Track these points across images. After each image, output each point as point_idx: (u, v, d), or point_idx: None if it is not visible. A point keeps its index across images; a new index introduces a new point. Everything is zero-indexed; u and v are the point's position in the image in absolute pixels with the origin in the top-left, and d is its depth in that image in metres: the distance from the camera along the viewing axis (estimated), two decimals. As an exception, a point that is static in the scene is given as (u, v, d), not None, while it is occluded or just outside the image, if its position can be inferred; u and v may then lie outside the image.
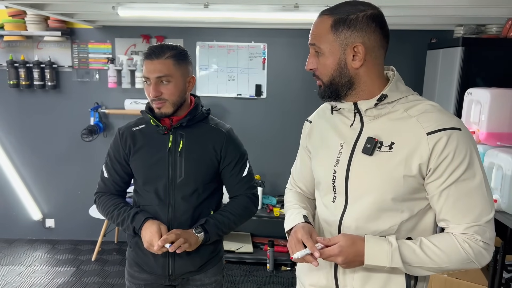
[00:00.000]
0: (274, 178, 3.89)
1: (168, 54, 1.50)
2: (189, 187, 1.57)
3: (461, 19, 3.02)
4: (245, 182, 1.66)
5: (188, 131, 1.59)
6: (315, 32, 1.16)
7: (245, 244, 3.75)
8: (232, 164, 1.62)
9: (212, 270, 1.69)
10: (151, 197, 1.60)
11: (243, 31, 3.69)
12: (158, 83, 1.50)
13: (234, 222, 1.63)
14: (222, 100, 3.78)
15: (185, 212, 1.58)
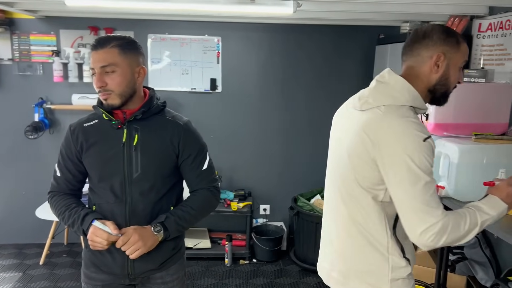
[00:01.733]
0: (231, 172, 3.89)
1: (114, 44, 1.45)
2: (147, 182, 1.53)
3: (406, 15, 3.16)
4: (206, 176, 1.62)
5: (143, 125, 1.53)
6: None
7: (203, 240, 3.72)
8: (191, 158, 1.58)
9: (174, 267, 1.66)
10: (107, 194, 1.54)
11: (197, 24, 3.63)
12: (103, 73, 1.44)
13: (195, 217, 1.60)
14: (176, 94, 3.71)
15: (144, 208, 1.54)
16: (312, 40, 3.72)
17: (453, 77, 1.37)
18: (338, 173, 1.43)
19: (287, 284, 3.30)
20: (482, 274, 2.60)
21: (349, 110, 1.44)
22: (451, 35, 1.34)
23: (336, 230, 1.45)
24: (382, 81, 1.38)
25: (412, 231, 1.21)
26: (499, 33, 2.71)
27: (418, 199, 1.20)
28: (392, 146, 1.23)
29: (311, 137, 3.88)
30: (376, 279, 1.36)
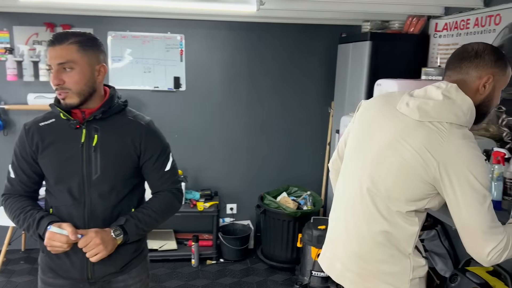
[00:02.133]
0: (197, 172, 3.84)
1: (72, 40, 1.39)
2: (107, 184, 1.48)
3: (367, 15, 3.23)
4: (168, 177, 1.58)
5: (103, 125, 1.48)
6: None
7: (169, 241, 3.65)
8: (153, 158, 1.54)
9: (136, 270, 1.61)
10: (65, 196, 1.47)
11: (159, 21, 3.55)
12: (60, 70, 1.39)
13: (156, 220, 1.56)
14: (138, 93, 3.62)
15: (103, 211, 1.49)
16: (276, 38, 3.74)
17: (496, 98, 1.39)
18: (369, 174, 1.39)
19: (254, 283, 3.30)
20: (442, 265, 2.70)
21: (394, 110, 1.39)
22: (501, 58, 1.35)
23: (357, 233, 1.43)
24: (450, 97, 1.32)
25: (480, 252, 1.25)
26: (454, 33, 2.82)
27: (487, 219, 1.23)
28: (460, 167, 1.24)
29: (278, 134, 3.90)
30: (397, 279, 1.39)
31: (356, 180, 1.45)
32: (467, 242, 1.28)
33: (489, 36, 2.50)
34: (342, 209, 1.52)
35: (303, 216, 3.38)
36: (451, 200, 1.27)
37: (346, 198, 1.50)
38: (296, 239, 3.33)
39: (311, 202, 3.65)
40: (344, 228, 1.49)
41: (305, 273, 3.11)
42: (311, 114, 3.91)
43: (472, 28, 2.65)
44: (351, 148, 1.53)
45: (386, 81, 2.37)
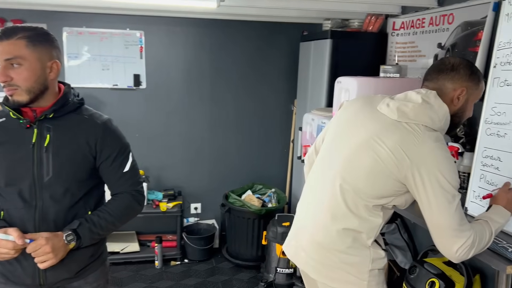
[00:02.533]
0: (159, 172, 3.77)
1: (21, 35, 1.33)
2: (59, 186, 1.41)
3: (327, 13, 3.27)
4: (128, 178, 1.52)
5: (56, 124, 1.42)
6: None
7: (131, 243, 3.56)
8: (110, 159, 1.48)
9: (93, 276, 1.55)
10: (15, 199, 1.40)
11: (117, 17, 3.45)
12: (8, 66, 1.32)
13: (114, 223, 1.50)
14: (96, 91, 3.50)
15: (56, 214, 1.42)
16: (239, 35, 3.72)
17: (468, 111, 1.49)
18: (343, 169, 1.45)
19: (219, 282, 3.27)
20: (402, 258, 2.78)
21: (374, 110, 1.45)
22: (475, 73, 1.45)
23: (323, 224, 1.48)
24: (428, 101, 1.40)
25: (448, 249, 1.32)
26: (411, 32, 2.90)
27: (455, 217, 1.31)
28: (432, 168, 1.30)
29: (242, 132, 3.89)
30: (357, 270, 1.45)
31: (329, 174, 1.50)
32: (437, 240, 1.35)
33: (443, 35, 2.58)
34: (311, 201, 1.58)
35: (267, 213, 3.39)
36: (422, 199, 1.34)
37: (317, 190, 1.55)
38: (261, 237, 3.33)
39: (276, 199, 3.66)
40: (311, 219, 1.55)
41: (270, 270, 3.12)
42: (274, 111, 3.93)
43: (427, 27, 2.74)
44: (327, 144, 1.59)
45: (346, 79, 2.41)
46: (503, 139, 1.73)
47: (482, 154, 1.82)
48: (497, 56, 1.79)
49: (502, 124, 1.74)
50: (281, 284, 3.04)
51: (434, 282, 2.09)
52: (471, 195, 1.87)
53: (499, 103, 1.76)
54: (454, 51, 2.49)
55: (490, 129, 1.80)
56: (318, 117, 2.76)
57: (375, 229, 1.44)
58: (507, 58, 1.73)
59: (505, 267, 1.41)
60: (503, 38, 1.76)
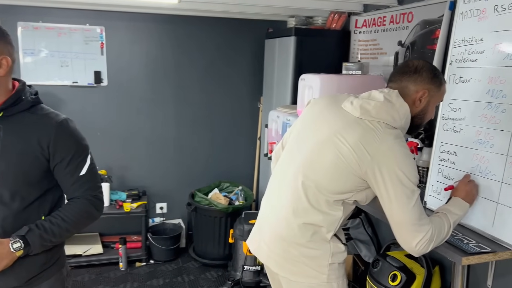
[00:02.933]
0: (123, 171, 3.67)
1: None
2: (7, 189, 1.33)
3: (292, 10, 3.28)
4: (84, 182, 1.43)
5: (6, 123, 1.33)
6: None
7: (94, 245, 3.46)
8: (65, 161, 1.39)
9: (47, 283, 1.45)
10: None
11: (76, 12, 3.33)
12: None
13: (68, 230, 1.42)
14: (55, 88, 3.37)
15: (4, 219, 1.34)
16: (204, 32, 3.67)
17: (429, 113, 1.52)
18: (305, 165, 1.47)
19: (186, 282, 3.23)
20: (366, 252, 2.83)
21: (339, 108, 1.48)
22: (437, 76, 1.48)
23: (285, 218, 1.49)
24: (390, 100, 1.43)
25: (408, 244, 1.35)
26: (373, 29, 2.95)
27: (414, 212, 1.33)
28: (392, 164, 1.33)
29: (208, 130, 3.85)
30: (317, 264, 1.47)
31: (292, 170, 1.52)
32: (397, 234, 1.39)
33: (403, 33, 2.64)
34: (275, 196, 1.60)
35: (234, 211, 3.37)
36: (382, 194, 1.37)
37: (281, 186, 1.57)
38: (228, 235, 3.31)
39: (243, 197, 3.65)
40: (274, 214, 1.56)
41: (237, 269, 3.10)
42: (241, 109, 3.91)
43: (388, 25, 2.79)
44: (292, 141, 1.62)
45: (309, 76, 2.42)
46: (459, 134, 1.78)
47: (440, 149, 1.87)
48: (452, 53, 1.85)
49: (458, 120, 1.79)
50: (248, 282, 3.03)
51: (396, 275, 2.13)
52: (429, 189, 1.92)
53: (454, 99, 1.81)
54: (413, 49, 2.55)
55: (446, 124, 1.85)
56: (283, 114, 2.76)
57: (335, 223, 1.46)
58: (462, 55, 1.79)
59: (460, 258, 1.45)
60: (458, 36, 1.82)
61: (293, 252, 1.49)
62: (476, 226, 1.66)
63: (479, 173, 1.66)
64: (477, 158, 1.68)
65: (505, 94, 1.58)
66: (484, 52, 1.68)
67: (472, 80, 1.73)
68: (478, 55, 1.70)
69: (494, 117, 1.61)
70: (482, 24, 1.69)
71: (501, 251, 1.51)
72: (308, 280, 1.49)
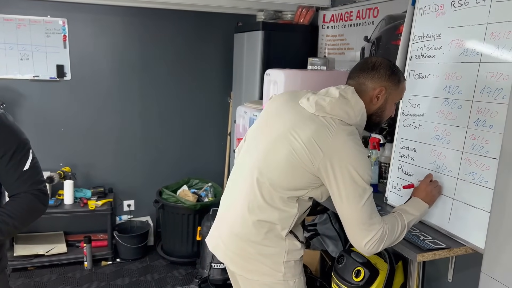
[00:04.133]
0: (87, 168, 3.57)
1: None
2: None
3: (261, 4, 3.23)
4: (28, 177, 1.39)
5: None
6: None
7: (58, 245, 3.35)
8: (6, 157, 1.34)
9: None
10: None
11: (36, 3, 3.20)
12: None
13: (15, 227, 1.37)
14: (15, 82, 3.23)
15: None
16: (173, 25, 3.58)
17: (388, 110, 1.49)
18: (260, 162, 1.44)
19: (153, 281, 3.17)
20: (333, 247, 2.82)
21: (296, 104, 1.45)
22: (395, 73, 1.44)
23: (241, 215, 1.47)
24: (345, 96, 1.40)
25: (358, 242, 1.34)
26: (340, 24, 2.94)
27: (365, 211, 1.31)
28: (344, 161, 1.31)
29: (177, 125, 3.77)
30: (272, 261, 1.45)
31: (248, 167, 1.50)
32: (348, 232, 1.37)
33: (369, 28, 2.64)
34: (232, 193, 1.58)
35: (203, 208, 3.32)
36: (333, 191, 1.35)
37: (237, 183, 1.55)
38: (196, 233, 3.26)
39: (213, 193, 3.60)
40: (231, 210, 1.54)
41: (205, 266, 3.06)
42: (211, 104, 3.85)
43: (355, 20, 2.78)
44: (251, 136, 1.60)
45: (274, 71, 2.39)
46: (418, 130, 1.78)
47: (400, 145, 1.87)
48: (412, 49, 1.84)
49: (417, 116, 1.79)
50: (216, 280, 2.99)
51: (360, 271, 2.13)
52: (390, 185, 1.92)
53: (414, 95, 1.81)
54: (379, 44, 2.54)
55: (406, 120, 1.85)
56: (251, 110, 2.73)
57: (290, 220, 1.43)
58: (421, 51, 1.78)
59: (415, 255, 1.45)
60: (417, 32, 1.81)
61: (248, 250, 1.46)
62: (433, 222, 1.67)
63: (437, 169, 1.67)
64: (435, 154, 1.68)
65: (461, 90, 1.58)
66: (441, 48, 1.68)
67: (431, 76, 1.73)
68: (436, 50, 1.70)
69: (451, 113, 1.62)
70: (440, 19, 1.69)
71: (456, 247, 1.51)
72: (264, 278, 1.47)
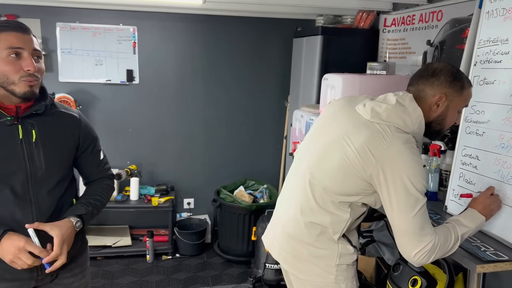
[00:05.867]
0: (151, 167, 3.79)
1: (33, 33, 1.40)
2: (53, 178, 1.46)
3: (320, 9, 3.26)
4: (104, 165, 1.65)
5: (38, 120, 1.43)
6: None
7: (123, 237, 3.59)
8: (90, 149, 1.58)
9: (82, 257, 1.62)
10: (5, 196, 1.40)
11: (110, 12, 3.46)
12: (33, 58, 1.36)
13: (102, 206, 1.60)
14: (89, 86, 3.52)
15: (51, 205, 1.46)
16: (232, 30, 3.71)
17: (450, 118, 1.44)
18: (313, 165, 1.48)
19: (209, 277, 3.30)
20: (389, 255, 2.78)
21: (352, 110, 1.46)
22: (457, 79, 1.39)
23: (294, 216, 1.52)
24: (402, 103, 1.39)
25: (408, 252, 1.32)
26: (401, 28, 2.89)
27: (417, 222, 1.29)
28: (397, 169, 1.29)
29: (235, 127, 3.89)
30: (324, 263, 1.48)
31: (302, 170, 1.53)
32: (397, 241, 1.35)
33: (432, 32, 2.57)
34: (286, 195, 1.63)
35: (258, 209, 3.40)
36: (384, 199, 1.34)
37: (292, 185, 1.60)
38: (251, 233, 3.34)
39: (268, 195, 3.67)
40: (285, 211, 1.59)
41: (259, 266, 3.13)
42: (268, 107, 3.93)
43: (417, 23, 2.72)
44: (305, 140, 1.63)
45: (332, 76, 2.40)
46: (481, 137, 1.72)
47: (462, 153, 1.82)
48: (477, 54, 1.78)
49: (481, 123, 1.73)
50: (270, 280, 3.05)
51: (416, 280, 2.08)
52: (450, 194, 1.87)
53: (478, 102, 1.75)
54: (442, 48, 2.47)
55: (469, 127, 1.79)
56: (307, 114, 2.76)
57: (341, 224, 1.44)
58: (486, 56, 1.72)
59: (475, 266, 1.41)
60: (483, 36, 1.75)
61: (301, 251, 1.50)
62: (496, 233, 1.60)
63: (501, 178, 1.60)
64: (500, 163, 1.62)
65: (530, 97, 1.51)
66: (509, 53, 1.61)
67: (497, 82, 1.66)
68: (503, 56, 1.63)
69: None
70: (508, 24, 1.62)
71: (520, 260, 1.45)
72: (316, 279, 1.50)
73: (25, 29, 1.38)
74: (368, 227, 2.98)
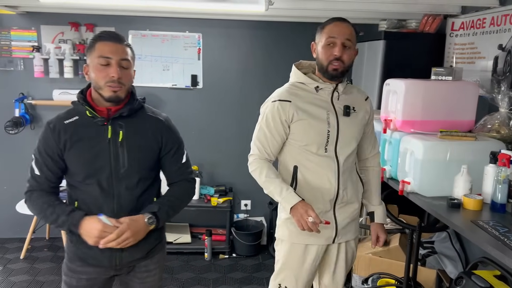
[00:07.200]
0: (212, 168, 3.92)
1: (126, 42, 1.54)
2: (133, 177, 1.58)
3: (383, 14, 3.20)
4: (185, 168, 1.72)
5: (126, 121, 1.57)
6: (350, 33, 1.83)
7: (184, 235, 3.75)
8: (172, 151, 1.66)
9: (158, 256, 1.72)
10: (94, 190, 1.56)
11: (177, 20, 3.65)
12: (119, 65, 1.50)
13: (180, 207, 1.69)
14: (157, 90, 3.73)
15: (130, 202, 1.58)
16: (293, 36, 3.75)
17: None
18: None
19: (264, 278, 3.35)
20: (451, 268, 2.67)
21: None
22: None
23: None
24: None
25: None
26: (471, 32, 2.76)
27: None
28: None
29: (292, 133, 3.92)
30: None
31: None
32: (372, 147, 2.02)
33: (504, 36, 2.44)
34: None
35: (315, 214, 3.39)
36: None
37: None
38: (307, 237, 3.34)
39: (325, 200, 3.65)
40: None
41: (314, 271, 3.13)
42: (327, 113, 3.91)
43: (488, 27, 2.59)
44: None
45: (394, 81, 2.36)
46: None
47: (535, 164, 1.71)
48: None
49: (558, 132, 1.62)
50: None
51: (480, 295, 1.99)
52: (521, 206, 1.77)
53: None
54: (515, 53, 2.34)
55: (544, 137, 1.68)
56: (367, 120, 2.72)
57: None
58: None
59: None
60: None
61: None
62: None
63: None
64: None
65: None
66: None
67: None
68: None
69: None
70: None
71: None
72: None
73: (118, 39, 1.52)
74: (429, 238, 2.88)
